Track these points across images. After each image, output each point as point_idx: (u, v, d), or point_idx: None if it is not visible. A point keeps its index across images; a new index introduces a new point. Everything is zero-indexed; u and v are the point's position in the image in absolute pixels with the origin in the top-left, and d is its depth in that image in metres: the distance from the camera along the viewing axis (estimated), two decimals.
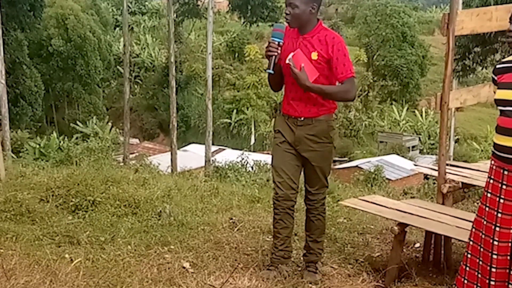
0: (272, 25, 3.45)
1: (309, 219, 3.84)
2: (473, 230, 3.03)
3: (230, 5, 57.93)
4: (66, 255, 3.85)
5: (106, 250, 4.04)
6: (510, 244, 2.84)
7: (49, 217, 4.65)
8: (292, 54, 3.46)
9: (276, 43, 3.48)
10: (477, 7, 15.06)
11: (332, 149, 3.70)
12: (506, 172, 2.83)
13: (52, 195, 5.09)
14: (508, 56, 3.00)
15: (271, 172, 3.76)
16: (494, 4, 14.78)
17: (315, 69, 3.48)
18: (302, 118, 3.59)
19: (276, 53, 3.48)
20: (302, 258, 3.97)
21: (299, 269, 3.93)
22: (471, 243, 3.04)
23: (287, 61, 3.44)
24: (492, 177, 2.92)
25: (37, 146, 26.59)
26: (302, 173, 3.77)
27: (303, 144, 3.62)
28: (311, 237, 3.85)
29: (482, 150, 34.51)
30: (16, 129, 31.71)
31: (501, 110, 2.84)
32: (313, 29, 3.52)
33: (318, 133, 3.59)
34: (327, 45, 3.47)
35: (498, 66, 2.98)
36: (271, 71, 3.51)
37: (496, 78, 2.94)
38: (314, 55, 3.49)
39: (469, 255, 3.04)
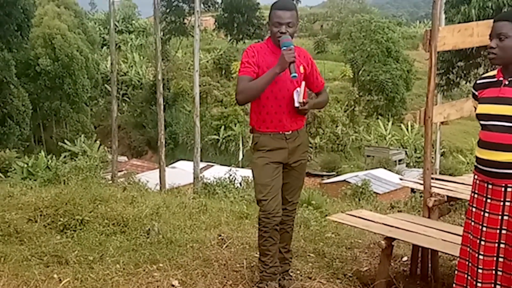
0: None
1: (284, 230, 3.85)
2: (462, 246, 3.04)
3: (216, 23, 58.16)
4: (55, 275, 3.83)
5: (94, 269, 4.02)
6: (495, 259, 2.86)
7: (38, 237, 4.63)
8: (301, 88, 3.55)
9: (292, 48, 3.47)
10: (459, 22, 15.31)
11: (308, 158, 3.93)
12: (490, 186, 2.85)
13: (40, 215, 5.07)
14: (491, 70, 3.05)
15: (257, 190, 3.68)
16: (476, 20, 15.02)
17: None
18: (290, 132, 3.63)
19: (295, 58, 3.46)
20: None
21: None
22: (459, 259, 3.05)
23: (295, 96, 3.56)
24: (476, 191, 2.94)
25: (25, 165, 26.36)
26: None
27: (295, 156, 3.68)
28: (285, 248, 3.92)
29: (467, 163, 34.79)
30: (4, 148, 31.51)
31: (482, 125, 2.88)
32: None
33: (304, 142, 3.76)
34: (306, 58, 3.69)
35: (478, 81, 3.01)
36: (296, 75, 3.46)
37: (477, 93, 2.98)
38: (302, 69, 3.62)
39: (456, 272, 3.06)
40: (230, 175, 16.82)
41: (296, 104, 3.50)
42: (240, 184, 16.80)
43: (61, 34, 45.61)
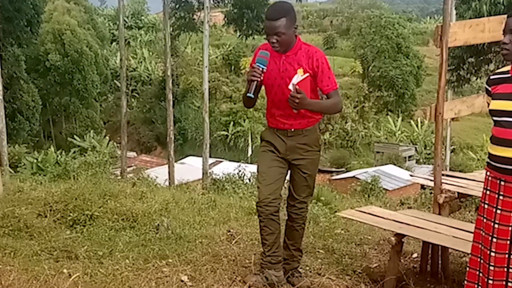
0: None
1: (293, 228, 3.87)
2: (473, 243, 3.02)
3: (225, 19, 58.09)
4: (64, 270, 3.84)
5: (104, 264, 4.03)
6: (507, 256, 2.84)
7: (47, 232, 4.65)
8: (296, 80, 3.50)
9: (261, 69, 3.52)
10: (470, 18, 15.20)
11: (319, 157, 3.84)
12: (502, 183, 2.83)
13: (50, 210, 5.10)
14: (502, 66, 3.01)
15: (256, 178, 3.85)
16: (487, 16, 14.91)
17: (307, 87, 3.56)
18: (293, 130, 3.68)
19: (259, 79, 3.52)
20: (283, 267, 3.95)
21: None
22: (471, 256, 3.03)
23: (290, 87, 3.49)
24: (488, 188, 2.92)
25: (35, 160, 26.46)
26: (287, 182, 3.84)
27: (294, 153, 3.69)
28: (294, 246, 3.90)
29: (478, 159, 34.62)
30: (14, 144, 31.64)
31: (495, 121, 2.85)
32: (294, 46, 3.59)
33: (309, 142, 3.69)
34: (312, 59, 3.56)
35: (492, 77, 2.98)
36: (251, 95, 3.55)
37: (490, 88, 2.95)
38: (301, 71, 3.55)
39: (468, 268, 3.04)
40: (239, 171, 16.83)
41: (290, 87, 3.49)
42: (249, 180, 16.79)
43: (71, 29, 45.79)
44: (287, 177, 3.84)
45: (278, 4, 3.64)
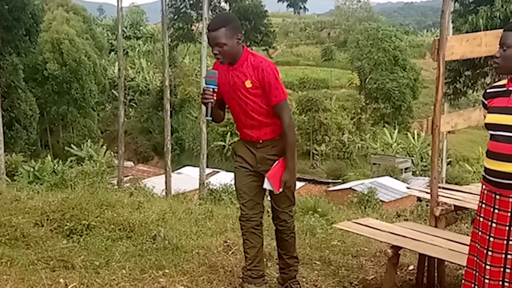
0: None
1: (282, 238, 3.88)
2: (469, 255, 3.03)
3: None
4: (61, 280, 3.85)
5: (100, 274, 4.03)
6: (502, 269, 2.85)
7: (44, 241, 4.65)
8: (267, 181, 3.58)
9: (211, 90, 3.51)
10: (467, 32, 15.30)
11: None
12: (498, 196, 2.84)
13: (47, 219, 5.10)
14: (498, 80, 3.05)
15: (236, 196, 3.85)
16: (483, 29, 15.02)
17: (278, 171, 3.57)
18: (261, 141, 3.65)
19: (212, 100, 3.51)
20: (281, 277, 3.97)
21: None
22: (466, 268, 3.04)
23: (264, 186, 3.59)
24: (484, 201, 2.94)
25: (32, 169, 26.49)
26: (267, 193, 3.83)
27: (265, 165, 3.64)
28: (287, 255, 3.89)
29: (474, 172, 34.66)
30: (11, 152, 31.63)
31: (491, 135, 2.87)
32: (241, 57, 3.53)
33: (278, 152, 3.62)
34: (258, 70, 3.48)
35: (488, 90, 3.02)
36: (209, 117, 3.59)
37: (486, 102, 2.98)
38: (248, 83, 3.51)
39: (463, 281, 3.05)
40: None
41: (266, 187, 3.62)
42: None
43: (69, 39, 45.90)
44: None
45: (219, 14, 3.67)
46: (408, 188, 6.45)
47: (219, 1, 44.38)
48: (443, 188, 5.15)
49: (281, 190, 3.55)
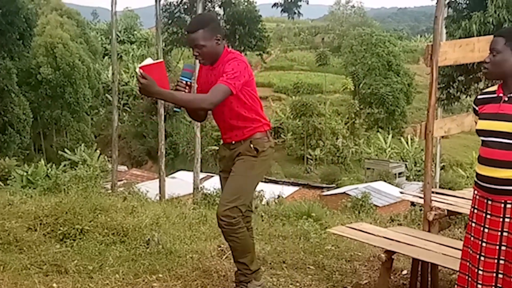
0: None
1: (226, 239, 3.69)
2: (461, 260, 3.05)
3: None
4: (54, 285, 3.84)
5: (94, 279, 4.02)
6: (494, 275, 2.86)
7: (37, 246, 4.63)
8: (144, 63, 3.29)
9: (184, 82, 3.44)
10: (460, 37, 15.38)
11: (255, 163, 3.60)
12: (489, 202, 2.86)
13: (40, 224, 5.07)
14: (491, 85, 3.07)
15: None
16: (477, 35, 15.10)
17: (166, 81, 3.35)
18: (233, 142, 3.67)
19: (183, 92, 3.43)
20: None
21: None
22: (459, 273, 3.05)
23: (137, 70, 3.26)
24: (476, 206, 2.95)
25: (25, 173, 26.36)
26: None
27: (231, 163, 3.65)
28: (234, 258, 3.76)
29: (467, 177, 34.78)
30: (4, 156, 31.51)
31: (482, 141, 2.89)
32: (221, 57, 3.54)
33: (242, 150, 3.62)
34: (225, 66, 3.45)
35: (479, 96, 3.03)
36: (178, 109, 3.49)
37: (477, 108, 3.00)
38: None
39: (456, 286, 3.06)
40: None
41: (136, 70, 3.40)
42: None
43: (63, 43, 45.80)
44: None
45: (198, 16, 3.64)
46: (401, 193, 6.49)
47: (213, 6, 44.39)
48: (437, 193, 5.17)
49: (140, 71, 3.18)
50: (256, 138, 3.62)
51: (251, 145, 3.60)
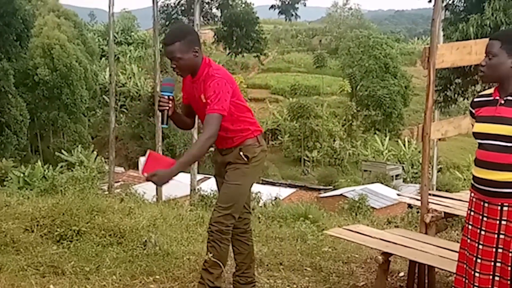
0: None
1: (208, 243, 3.68)
2: (458, 262, 3.05)
3: (215, 36, 58.51)
4: (51, 286, 3.84)
5: (91, 280, 4.02)
6: (491, 277, 2.87)
7: (34, 247, 4.63)
8: (141, 167, 3.36)
9: (166, 97, 3.47)
10: (457, 40, 15.41)
11: (247, 170, 3.59)
12: (486, 204, 2.87)
13: (37, 225, 5.07)
14: (488, 88, 3.08)
15: None
16: (474, 37, 15.13)
17: (163, 158, 3.42)
18: (225, 148, 3.66)
19: (167, 107, 3.48)
20: None
21: None
22: (456, 276, 3.06)
23: (140, 159, 3.36)
24: (473, 209, 2.96)
25: (21, 174, 26.28)
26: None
27: (223, 169, 3.67)
28: (204, 265, 3.68)
29: (464, 179, 34.79)
30: (1, 157, 31.43)
31: (479, 143, 2.90)
32: (199, 69, 3.49)
33: (232, 158, 3.61)
34: (205, 84, 3.43)
35: (476, 99, 3.03)
36: (165, 125, 3.53)
37: (473, 111, 3.01)
38: (203, 98, 3.46)
39: None
40: None
41: (140, 169, 3.39)
42: None
43: (60, 44, 45.75)
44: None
45: (175, 27, 3.64)
46: (398, 195, 6.50)
47: (210, 7, 44.47)
48: (434, 195, 5.19)
49: (145, 175, 3.28)
50: (247, 145, 3.60)
51: (241, 153, 3.58)
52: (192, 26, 3.80)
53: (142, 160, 3.34)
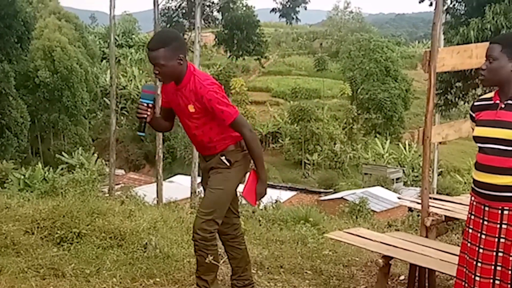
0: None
1: (195, 252, 3.66)
2: (458, 266, 3.05)
3: (216, 39, 58.60)
4: None
5: (91, 282, 4.02)
6: (491, 281, 2.87)
7: (34, 249, 4.63)
8: (242, 194, 3.51)
9: (145, 104, 3.42)
10: (458, 43, 15.41)
11: (229, 174, 3.56)
12: (486, 208, 2.87)
13: (37, 227, 5.07)
14: (489, 91, 3.08)
15: None
16: (474, 41, 15.14)
17: (252, 185, 3.50)
18: (208, 155, 3.64)
19: (145, 115, 3.43)
20: None
21: None
22: (456, 280, 3.06)
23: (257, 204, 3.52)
24: (473, 213, 2.96)
25: (22, 177, 26.28)
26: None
27: (206, 175, 3.65)
28: (197, 273, 3.69)
29: (465, 183, 34.76)
30: (1, 160, 31.43)
31: (480, 147, 2.90)
32: (185, 77, 3.41)
33: (213, 164, 3.58)
34: (198, 96, 3.37)
35: (476, 103, 3.03)
36: (142, 133, 3.49)
37: (474, 115, 3.01)
38: (191, 108, 3.43)
39: None
40: None
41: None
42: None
43: (61, 47, 45.78)
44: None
45: (160, 32, 3.47)
46: (399, 198, 6.50)
47: (211, 10, 44.51)
48: (434, 198, 5.19)
49: (257, 203, 3.45)
50: (229, 151, 3.56)
51: (222, 158, 3.54)
52: (178, 32, 3.69)
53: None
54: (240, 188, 3.59)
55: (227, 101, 3.39)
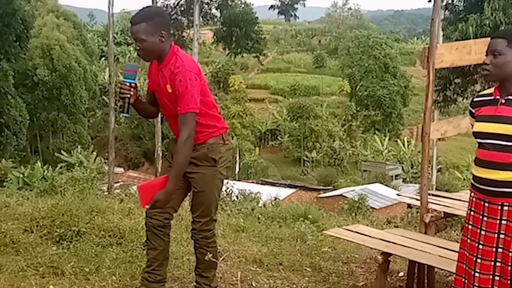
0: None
1: (195, 250, 3.64)
2: (458, 262, 3.05)
3: (215, 37, 58.61)
4: (51, 287, 3.83)
5: (90, 281, 4.02)
6: (491, 277, 2.87)
7: (33, 247, 4.62)
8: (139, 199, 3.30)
9: (128, 84, 3.33)
10: (456, 39, 15.40)
11: (216, 173, 3.50)
12: (486, 204, 2.86)
13: (37, 226, 5.07)
14: (488, 87, 3.07)
15: None
16: (473, 37, 15.13)
17: (154, 183, 3.31)
18: None
19: (129, 95, 3.32)
20: None
21: None
22: (456, 276, 3.05)
23: (146, 207, 3.29)
24: (473, 208, 2.95)
25: (21, 175, 26.29)
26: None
27: (188, 168, 3.41)
28: (197, 271, 3.68)
29: (464, 179, 34.82)
30: (0, 158, 31.44)
31: (479, 143, 2.89)
32: (166, 57, 3.32)
33: (198, 156, 3.43)
34: (173, 76, 3.26)
35: (475, 99, 3.02)
36: (126, 114, 3.38)
37: (473, 111, 3.00)
38: (169, 88, 3.32)
39: None
40: (227, 188, 16.80)
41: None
42: (237, 197, 16.79)
43: (60, 45, 45.77)
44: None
45: (144, 8, 3.36)
46: (398, 195, 6.51)
47: (210, 8, 44.43)
48: (433, 195, 5.19)
49: (147, 207, 3.25)
50: (211, 144, 3.46)
51: (211, 154, 3.44)
52: (163, 9, 3.66)
53: (137, 195, 3.30)
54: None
55: (196, 93, 3.24)
